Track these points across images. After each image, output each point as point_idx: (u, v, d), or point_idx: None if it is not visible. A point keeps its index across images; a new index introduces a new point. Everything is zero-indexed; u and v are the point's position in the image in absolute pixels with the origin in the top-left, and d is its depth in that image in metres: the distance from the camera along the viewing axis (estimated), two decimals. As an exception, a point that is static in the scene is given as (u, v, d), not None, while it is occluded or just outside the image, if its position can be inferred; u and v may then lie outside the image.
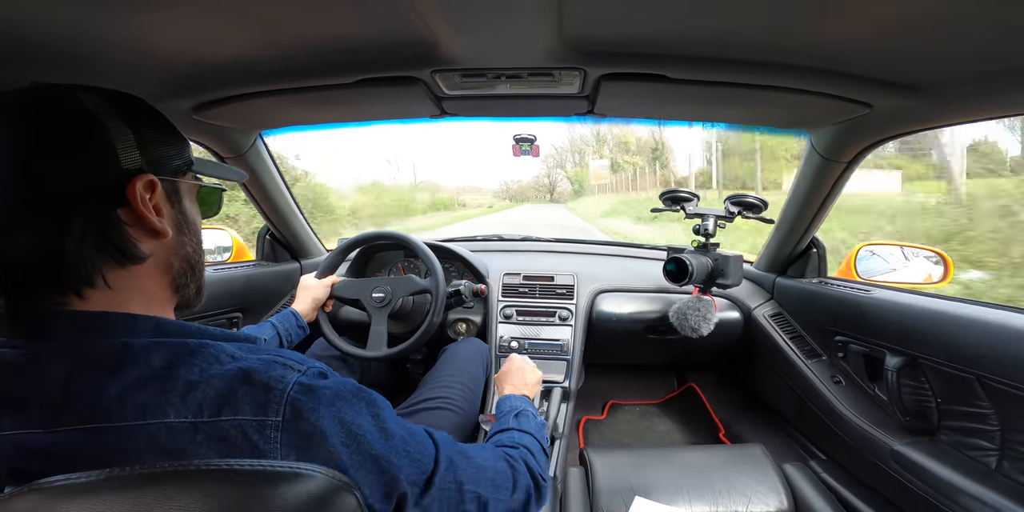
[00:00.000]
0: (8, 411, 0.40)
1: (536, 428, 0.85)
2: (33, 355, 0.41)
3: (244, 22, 0.65)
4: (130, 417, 0.39)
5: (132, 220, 0.47)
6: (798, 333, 1.47)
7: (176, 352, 0.43)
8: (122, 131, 0.47)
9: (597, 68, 0.83)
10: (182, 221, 0.54)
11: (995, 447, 0.94)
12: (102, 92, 0.49)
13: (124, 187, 0.46)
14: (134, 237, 0.47)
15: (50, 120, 0.45)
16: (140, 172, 0.47)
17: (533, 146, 1.67)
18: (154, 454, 0.39)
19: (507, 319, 1.56)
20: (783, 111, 1.04)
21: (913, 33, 0.64)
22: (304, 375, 0.45)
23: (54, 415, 0.40)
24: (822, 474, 1.23)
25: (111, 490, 0.34)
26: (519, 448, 0.74)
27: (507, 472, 0.66)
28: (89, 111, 0.46)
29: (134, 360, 0.42)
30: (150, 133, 0.50)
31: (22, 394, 0.40)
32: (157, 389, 0.41)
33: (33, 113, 0.45)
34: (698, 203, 1.42)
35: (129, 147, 0.47)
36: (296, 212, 1.59)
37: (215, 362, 0.44)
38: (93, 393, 0.40)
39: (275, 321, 1.13)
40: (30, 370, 0.41)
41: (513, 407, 0.91)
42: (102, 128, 0.46)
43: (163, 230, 0.49)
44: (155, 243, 0.49)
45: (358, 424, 0.47)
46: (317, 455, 0.43)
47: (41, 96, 0.47)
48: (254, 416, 0.41)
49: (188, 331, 0.48)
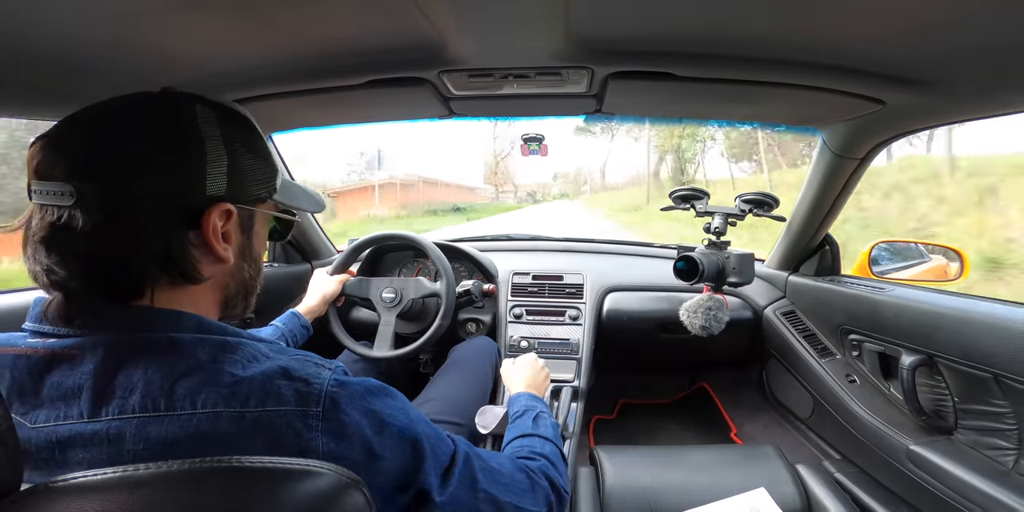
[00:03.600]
0: (53, 402, 0.42)
1: (555, 434, 0.83)
2: (85, 346, 0.43)
3: (255, 26, 0.66)
4: (178, 407, 0.41)
5: (199, 243, 0.48)
6: (811, 332, 1.45)
7: (219, 347, 0.45)
8: (218, 155, 0.48)
9: (604, 67, 0.83)
10: (247, 248, 0.54)
11: (1013, 446, 0.92)
12: (219, 108, 0.50)
13: (202, 212, 0.47)
14: (197, 259, 0.48)
15: (159, 129, 0.46)
16: (221, 200, 0.48)
17: (542, 145, 1.67)
18: (200, 444, 0.40)
19: (517, 319, 1.56)
20: (794, 108, 1.04)
21: (926, 28, 0.63)
22: (334, 373, 0.48)
23: (99, 404, 0.41)
24: (836, 474, 1.21)
25: (125, 488, 0.34)
26: (538, 459, 0.72)
27: (526, 482, 0.65)
28: (197, 127, 0.47)
29: (181, 353, 0.43)
30: (245, 160, 0.51)
31: (73, 384, 0.42)
32: (205, 381, 0.42)
33: (148, 119, 0.46)
34: (708, 201, 1.41)
35: (220, 174, 0.48)
36: (307, 214, 1.60)
37: (254, 360, 0.46)
38: (143, 384, 0.41)
39: (279, 323, 1.14)
40: (83, 360, 0.42)
41: (529, 407, 0.90)
42: (200, 149, 0.47)
43: (227, 258, 0.50)
44: (216, 267, 0.50)
45: (388, 414, 0.50)
46: (352, 442, 0.46)
47: (160, 103, 0.48)
48: (297, 406, 0.43)
49: (226, 330, 0.49)
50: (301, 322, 1.17)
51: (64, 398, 0.41)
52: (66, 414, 0.41)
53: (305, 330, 1.18)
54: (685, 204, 1.41)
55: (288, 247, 1.66)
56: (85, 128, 0.45)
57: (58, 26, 0.60)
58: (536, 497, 0.65)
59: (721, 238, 1.36)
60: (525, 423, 0.84)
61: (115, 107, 0.46)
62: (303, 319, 1.18)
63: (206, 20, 0.63)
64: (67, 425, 0.41)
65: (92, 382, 0.41)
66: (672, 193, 1.44)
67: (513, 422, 0.88)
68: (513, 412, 0.91)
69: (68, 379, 0.42)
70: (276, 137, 1.36)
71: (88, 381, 0.41)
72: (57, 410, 0.41)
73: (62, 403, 0.41)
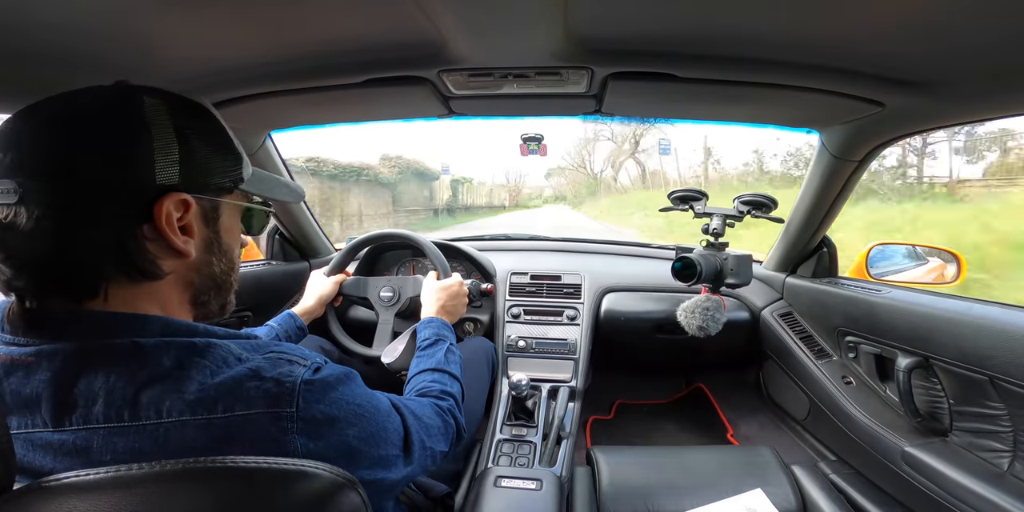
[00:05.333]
0: (17, 409, 0.40)
1: (461, 372, 0.87)
2: (42, 354, 0.41)
3: (253, 23, 0.66)
4: (143, 417, 0.39)
5: (155, 236, 0.46)
6: (808, 333, 1.45)
7: (185, 351, 0.43)
8: (168, 143, 0.45)
9: (604, 67, 0.83)
10: (214, 241, 0.52)
11: (1007, 448, 0.93)
12: (169, 97, 0.48)
13: (152, 203, 0.45)
14: (154, 253, 0.46)
15: (103, 121, 0.44)
16: (173, 190, 0.46)
17: (541, 145, 1.67)
18: (170, 453, 0.39)
19: (515, 318, 1.56)
20: (793, 110, 1.04)
21: (926, 29, 0.63)
22: (308, 369, 0.47)
23: (62, 414, 0.40)
24: (831, 475, 1.22)
25: (119, 488, 0.34)
26: (448, 400, 0.77)
27: (442, 426, 0.70)
28: (143, 117, 0.45)
29: (144, 360, 0.42)
30: (200, 148, 0.48)
31: (31, 393, 0.40)
32: (169, 388, 0.41)
33: (95, 110, 0.44)
34: (707, 202, 1.41)
35: (170, 162, 0.45)
36: (305, 212, 1.60)
37: (223, 363, 0.44)
38: (105, 393, 0.40)
39: (274, 323, 1.13)
40: (39, 369, 0.41)
41: (440, 336, 0.93)
42: (147, 137, 0.44)
43: (186, 251, 0.48)
44: (177, 262, 0.48)
45: (358, 404, 0.51)
46: (330, 438, 0.46)
47: (107, 94, 0.46)
48: (268, 408, 0.42)
49: (195, 331, 0.47)
50: (297, 323, 1.16)
51: (26, 406, 0.40)
52: (32, 422, 0.40)
53: (301, 331, 1.17)
54: (683, 205, 1.41)
55: (286, 245, 1.66)
56: (27, 123, 0.44)
57: (51, 20, 0.59)
58: (446, 437, 0.70)
59: (719, 239, 1.36)
60: (437, 355, 0.87)
61: (60, 101, 0.45)
62: (299, 320, 1.17)
63: (203, 16, 0.62)
64: (36, 433, 0.40)
65: (49, 391, 0.40)
66: (671, 194, 1.44)
67: (423, 349, 0.90)
68: (422, 338, 0.93)
69: (24, 387, 0.40)
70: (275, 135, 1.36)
71: (45, 390, 0.40)
72: (24, 418, 0.40)
73: (26, 411, 0.40)
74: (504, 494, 0.95)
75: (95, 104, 0.45)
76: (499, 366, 1.47)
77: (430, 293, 1.13)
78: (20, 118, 0.44)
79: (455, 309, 1.12)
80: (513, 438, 1.25)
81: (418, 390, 0.79)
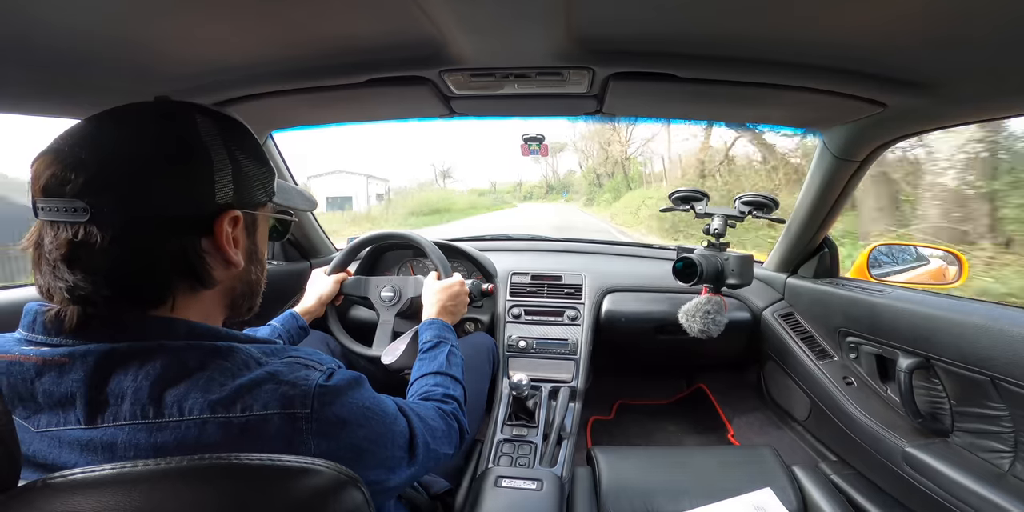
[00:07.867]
0: (49, 408, 0.42)
1: (463, 374, 0.88)
2: (75, 355, 0.43)
3: (255, 23, 0.66)
4: (166, 415, 0.42)
5: (212, 250, 0.49)
6: (809, 334, 1.45)
7: (208, 354, 0.46)
8: (223, 164, 0.49)
9: (605, 67, 0.83)
10: (253, 251, 0.56)
11: (1009, 449, 0.93)
12: (216, 117, 0.51)
13: (213, 220, 0.48)
14: (210, 265, 0.49)
15: (165, 141, 0.46)
16: (230, 207, 0.49)
17: (542, 145, 1.67)
18: (188, 450, 0.40)
19: (515, 319, 1.56)
20: (794, 110, 1.04)
21: (928, 29, 0.63)
22: (323, 374, 0.49)
23: (95, 412, 0.42)
24: (832, 476, 1.22)
25: (122, 485, 0.34)
26: (451, 403, 0.78)
27: (445, 429, 0.71)
28: (200, 138, 0.48)
29: (171, 361, 0.44)
30: (247, 167, 0.52)
31: (65, 391, 0.42)
32: (192, 388, 0.43)
33: (153, 131, 0.47)
34: (708, 203, 1.41)
35: (226, 182, 0.49)
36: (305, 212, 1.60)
37: (244, 367, 0.46)
38: (132, 391, 0.42)
39: (277, 323, 1.13)
40: (72, 369, 0.42)
41: (442, 338, 0.94)
42: (207, 159, 0.47)
43: (237, 262, 0.51)
44: (226, 272, 0.51)
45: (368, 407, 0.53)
46: (342, 439, 0.48)
47: (162, 114, 0.49)
48: (284, 410, 0.44)
49: (218, 335, 0.50)
50: (299, 323, 1.16)
51: (60, 405, 0.42)
52: (64, 420, 0.42)
53: (303, 331, 1.17)
54: (684, 205, 1.41)
55: (287, 245, 1.66)
56: (89, 142, 0.45)
57: (58, 22, 0.59)
58: (451, 440, 0.71)
59: (720, 239, 1.36)
60: (439, 358, 0.88)
61: (115, 120, 0.47)
62: (301, 320, 1.17)
63: (205, 17, 0.62)
64: (67, 430, 0.42)
65: (84, 390, 0.42)
66: (672, 194, 1.44)
67: (425, 352, 0.90)
68: (424, 340, 0.94)
69: (59, 387, 0.42)
70: (276, 135, 1.37)
71: (80, 389, 0.42)
72: (56, 416, 0.42)
73: (59, 409, 0.42)
74: (505, 494, 0.95)
75: (149, 124, 0.47)
76: (500, 364, 1.47)
77: (431, 293, 1.13)
78: (73, 138, 0.45)
79: (456, 309, 1.13)
80: (514, 438, 1.25)
81: (421, 394, 0.80)
